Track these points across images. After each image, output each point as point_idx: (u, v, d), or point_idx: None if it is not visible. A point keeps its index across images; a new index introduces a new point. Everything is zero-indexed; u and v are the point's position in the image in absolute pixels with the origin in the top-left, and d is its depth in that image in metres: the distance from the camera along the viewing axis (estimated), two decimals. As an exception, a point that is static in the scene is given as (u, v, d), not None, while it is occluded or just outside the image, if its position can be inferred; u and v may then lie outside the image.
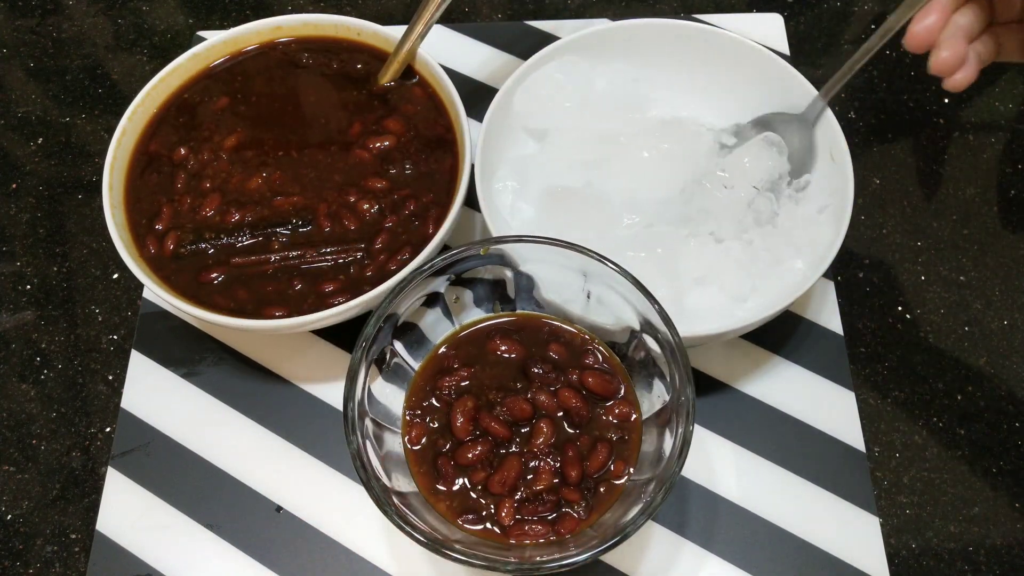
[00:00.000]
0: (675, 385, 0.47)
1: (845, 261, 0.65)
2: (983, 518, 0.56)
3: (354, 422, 0.46)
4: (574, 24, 0.76)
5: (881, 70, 0.75)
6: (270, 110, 0.63)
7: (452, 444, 0.50)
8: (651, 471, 0.47)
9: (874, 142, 0.71)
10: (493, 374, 0.52)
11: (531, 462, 0.49)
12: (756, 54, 0.63)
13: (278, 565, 0.54)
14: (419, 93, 0.63)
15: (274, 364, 0.61)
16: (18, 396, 0.62)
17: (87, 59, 0.78)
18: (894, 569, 0.54)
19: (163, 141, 0.61)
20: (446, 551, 0.43)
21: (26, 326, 0.65)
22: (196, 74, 0.64)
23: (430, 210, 0.58)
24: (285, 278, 0.56)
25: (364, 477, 0.44)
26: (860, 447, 0.57)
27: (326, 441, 0.58)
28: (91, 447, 0.60)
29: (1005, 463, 0.58)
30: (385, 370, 0.51)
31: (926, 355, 0.62)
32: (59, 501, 0.58)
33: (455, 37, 0.76)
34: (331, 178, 0.60)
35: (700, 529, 0.55)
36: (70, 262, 0.67)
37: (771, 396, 0.59)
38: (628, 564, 0.54)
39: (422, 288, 0.51)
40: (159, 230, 0.58)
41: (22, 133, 0.74)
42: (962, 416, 0.59)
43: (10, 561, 0.56)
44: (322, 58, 0.65)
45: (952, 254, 0.66)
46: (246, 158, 0.61)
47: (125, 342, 0.63)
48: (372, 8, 0.80)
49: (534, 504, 0.48)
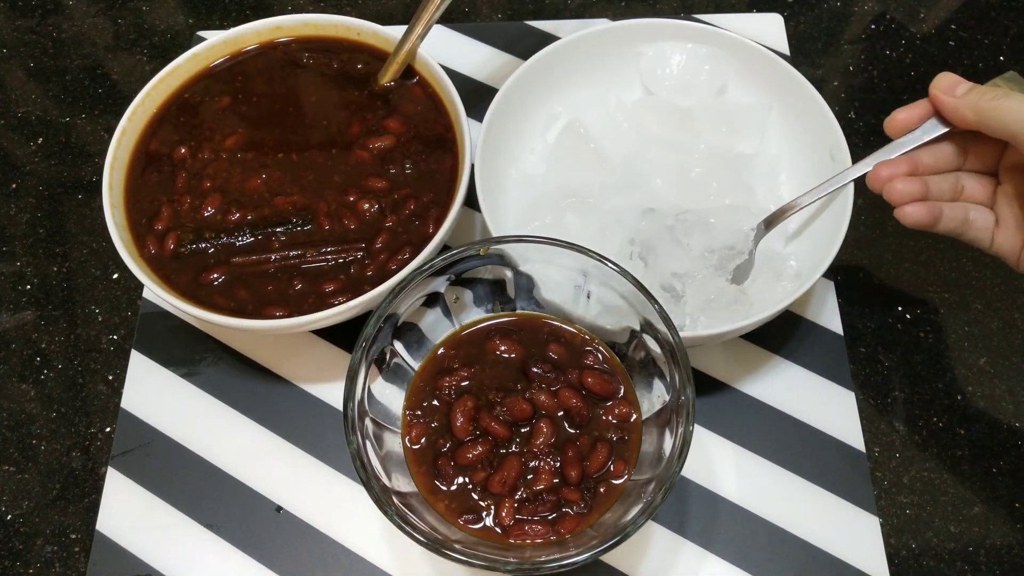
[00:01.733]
0: (675, 385, 0.47)
1: (845, 261, 0.65)
2: (983, 518, 0.56)
3: (354, 422, 0.46)
4: (574, 24, 0.76)
5: (881, 70, 0.75)
6: (270, 110, 0.63)
7: (452, 444, 0.50)
8: (651, 471, 0.47)
9: (874, 142, 0.71)
10: (493, 374, 0.52)
11: (531, 462, 0.49)
12: (756, 54, 0.63)
13: (278, 565, 0.54)
14: (419, 93, 0.63)
15: (274, 364, 0.61)
16: (18, 396, 0.62)
17: (87, 59, 0.78)
18: (894, 569, 0.54)
19: (163, 141, 0.61)
20: (446, 551, 0.43)
21: (26, 326, 0.65)
22: (196, 74, 0.64)
23: (430, 210, 0.58)
24: (285, 278, 0.56)
25: (364, 477, 0.44)
26: (860, 447, 0.57)
27: (326, 441, 0.58)
28: (91, 447, 0.60)
29: (1005, 463, 0.58)
30: (385, 370, 0.51)
31: (926, 355, 0.62)
32: (59, 501, 0.58)
33: (455, 37, 0.76)
34: (331, 178, 0.60)
35: (700, 529, 0.55)
36: (70, 262, 0.67)
37: (771, 396, 0.59)
38: (628, 564, 0.54)
39: (422, 288, 0.51)
40: (159, 230, 0.58)
41: (22, 133, 0.74)
42: (962, 416, 0.59)
43: (10, 561, 0.56)
44: (322, 58, 0.65)
45: (952, 254, 0.66)
46: (246, 158, 0.61)
47: (125, 342, 0.63)
48: (372, 8, 0.80)
49: (534, 504, 0.48)
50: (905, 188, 0.50)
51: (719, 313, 0.55)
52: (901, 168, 0.51)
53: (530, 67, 0.62)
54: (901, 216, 0.50)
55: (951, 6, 0.79)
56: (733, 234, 0.57)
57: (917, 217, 0.50)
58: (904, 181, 0.50)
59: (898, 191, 0.50)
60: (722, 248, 0.56)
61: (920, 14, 0.78)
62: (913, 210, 0.50)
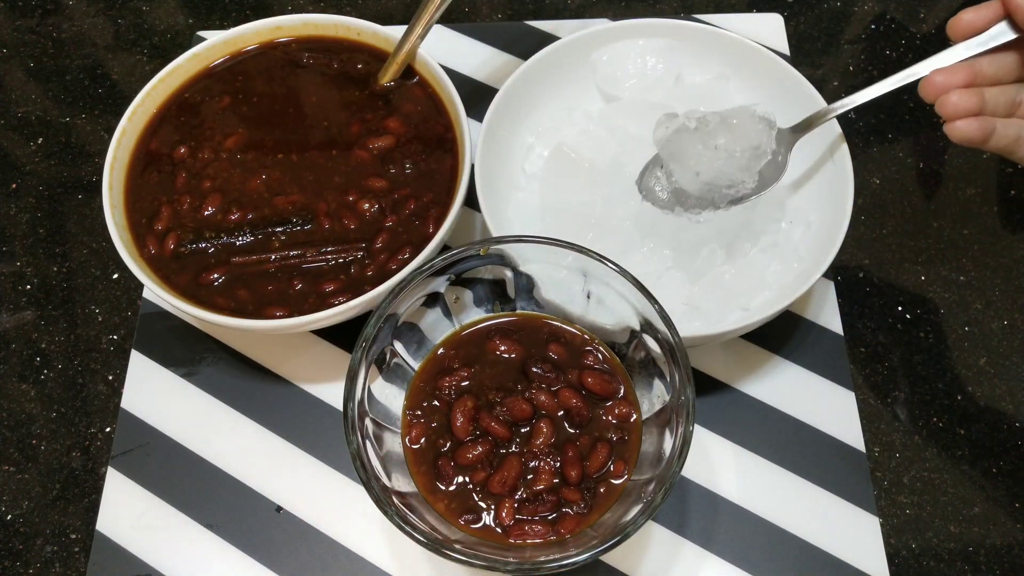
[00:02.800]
0: (675, 385, 0.47)
1: (845, 261, 0.65)
2: (983, 518, 0.56)
3: (354, 422, 0.46)
4: (574, 24, 0.76)
5: (881, 70, 0.75)
6: (270, 110, 0.63)
7: (452, 444, 0.50)
8: (651, 471, 0.47)
9: (874, 142, 0.71)
10: (493, 374, 0.52)
11: (531, 462, 0.49)
12: (756, 54, 0.63)
13: (278, 565, 0.54)
14: (419, 93, 0.63)
15: (274, 364, 0.61)
16: (18, 396, 0.62)
17: (87, 59, 0.78)
18: (894, 569, 0.54)
19: (163, 141, 0.61)
20: (446, 551, 0.43)
21: (26, 326, 0.65)
22: (196, 74, 0.64)
23: (430, 210, 0.58)
24: (286, 278, 0.56)
25: (364, 477, 0.44)
26: (860, 447, 0.57)
27: (326, 441, 0.58)
28: (91, 447, 0.60)
29: (1005, 463, 0.58)
30: (385, 370, 0.51)
31: (926, 355, 0.62)
32: (59, 501, 0.58)
33: (455, 37, 0.76)
34: (331, 178, 0.60)
35: (700, 529, 0.55)
36: (70, 262, 0.67)
37: (771, 396, 0.59)
38: (628, 564, 0.54)
39: (422, 288, 0.51)
40: (159, 230, 0.58)
41: (22, 133, 0.74)
42: (962, 416, 0.59)
43: (10, 561, 0.56)
44: (322, 58, 0.65)
45: (952, 254, 0.66)
46: (246, 158, 0.61)
47: (125, 342, 0.63)
48: (372, 8, 0.80)
49: (534, 504, 0.48)
50: (960, 101, 0.45)
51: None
52: (959, 77, 0.46)
53: (531, 67, 0.62)
54: (951, 130, 0.46)
55: (951, 6, 0.79)
56: (758, 134, 0.54)
57: (968, 132, 0.46)
58: (960, 94, 0.46)
59: (951, 104, 0.46)
60: (747, 149, 0.54)
61: (920, 14, 0.78)
62: (965, 125, 0.46)
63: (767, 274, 0.57)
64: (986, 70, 0.47)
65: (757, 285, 0.57)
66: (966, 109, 0.46)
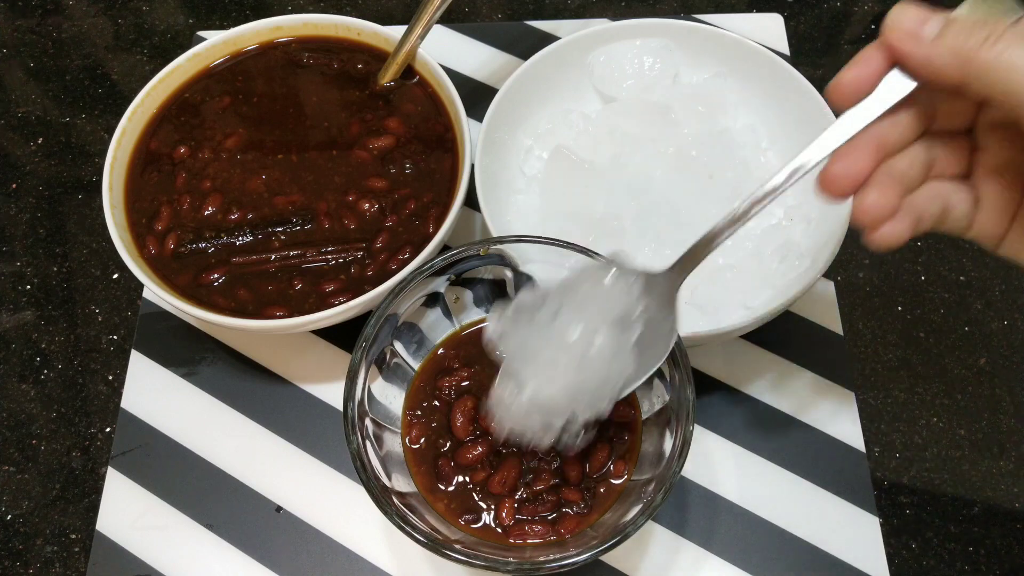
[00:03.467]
0: (675, 385, 0.46)
1: (845, 261, 0.65)
2: (983, 518, 0.56)
3: (354, 422, 0.46)
4: (574, 24, 0.76)
5: (881, 70, 0.75)
6: (270, 110, 0.63)
7: (452, 444, 0.50)
8: (651, 471, 0.47)
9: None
10: (493, 374, 0.51)
11: (531, 462, 0.49)
12: (755, 54, 0.63)
13: (278, 565, 0.54)
14: (419, 93, 0.63)
15: (274, 364, 0.61)
16: (18, 396, 0.62)
17: (87, 59, 0.78)
18: (894, 569, 0.54)
19: (163, 141, 0.61)
20: (446, 551, 0.43)
21: (26, 326, 0.65)
22: (196, 74, 0.64)
23: (430, 210, 0.58)
24: (286, 278, 0.56)
25: (364, 477, 0.44)
26: (860, 447, 0.57)
27: (326, 441, 0.58)
28: (91, 447, 0.60)
29: (1005, 463, 0.58)
30: (385, 370, 0.51)
31: (926, 355, 0.62)
32: (59, 501, 0.58)
33: (455, 37, 0.76)
34: (331, 178, 0.60)
35: (700, 529, 0.55)
36: (70, 262, 0.67)
37: (771, 396, 0.59)
38: (628, 564, 0.54)
39: (422, 288, 0.51)
40: (159, 230, 0.58)
41: (22, 133, 0.74)
42: (962, 416, 0.59)
43: (10, 561, 0.56)
44: (322, 58, 0.65)
45: (952, 254, 0.66)
46: (246, 158, 0.61)
47: (125, 342, 0.63)
48: (372, 8, 0.80)
49: (534, 504, 0.48)
50: (880, 200, 0.35)
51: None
52: (863, 160, 0.36)
53: (531, 67, 0.62)
54: (876, 241, 0.36)
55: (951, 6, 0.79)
56: (617, 297, 0.43)
57: (896, 237, 0.36)
58: (878, 191, 0.35)
59: (870, 208, 0.35)
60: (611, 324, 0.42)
61: (920, 14, 0.78)
62: (891, 231, 0.36)
63: (768, 273, 0.57)
64: (889, 136, 0.36)
65: (758, 284, 0.57)
66: (890, 209, 0.36)
